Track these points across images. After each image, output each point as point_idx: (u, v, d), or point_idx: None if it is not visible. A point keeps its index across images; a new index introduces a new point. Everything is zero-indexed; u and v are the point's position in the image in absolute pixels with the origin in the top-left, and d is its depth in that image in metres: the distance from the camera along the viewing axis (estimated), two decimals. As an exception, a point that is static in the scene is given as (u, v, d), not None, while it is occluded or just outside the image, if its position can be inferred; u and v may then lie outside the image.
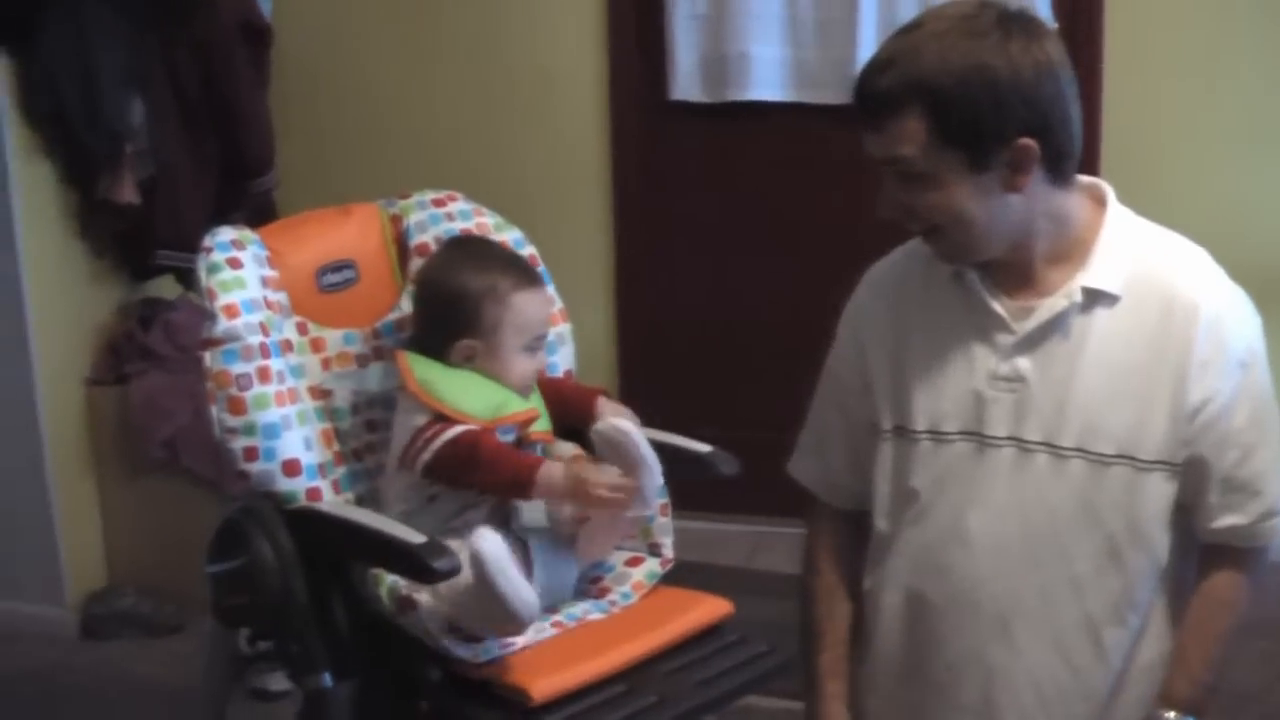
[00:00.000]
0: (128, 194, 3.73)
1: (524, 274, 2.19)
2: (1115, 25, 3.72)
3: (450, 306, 2.15)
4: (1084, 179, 2.00)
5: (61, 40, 3.60)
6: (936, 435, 1.99)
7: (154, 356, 3.84)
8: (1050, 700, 1.97)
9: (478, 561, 1.89)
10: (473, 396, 2.10)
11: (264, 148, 4.02)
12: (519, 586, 1.90)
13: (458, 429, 2.05)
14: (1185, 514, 1.95)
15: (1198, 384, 1.89)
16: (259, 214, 3.95)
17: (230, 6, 3.87)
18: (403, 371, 2.10)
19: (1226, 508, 1.93)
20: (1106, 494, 1.92)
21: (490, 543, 1.90)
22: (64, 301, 3.82)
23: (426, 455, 2.05)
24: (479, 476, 2.05)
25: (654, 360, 4.24)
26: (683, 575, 2.28)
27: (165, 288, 4.02)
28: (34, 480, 3.79)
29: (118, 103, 3.68)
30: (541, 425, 2.17)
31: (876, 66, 1.86)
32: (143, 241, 3.87)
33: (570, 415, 2.24)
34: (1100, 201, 1.99)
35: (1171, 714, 1.92)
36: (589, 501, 2.04)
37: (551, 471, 2.03)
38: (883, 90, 1.84)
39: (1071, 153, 1.90)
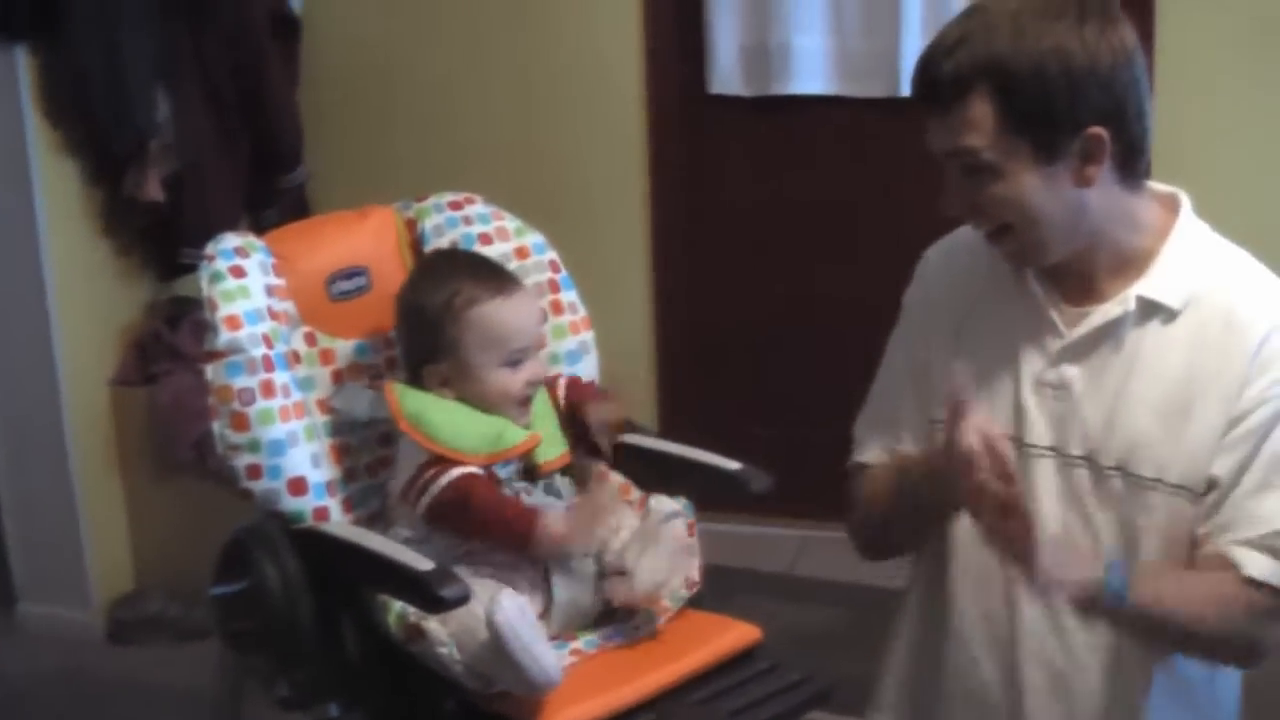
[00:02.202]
0: (153, 191, 3.66)
1: (490, 282, 2.04)
2: (1166, 15, 3.57)
3: (412, 330, 2.06)
4: (1160, 186, 1.90)
5: (86, 34, 3.53)
6: None
7: (182, 357, 3.76)
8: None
9: (495, 633, 1.79)
10: (466, 431, 1.98)
11: (293, 142, 3.96)
12: (539, 656, 1.80)
13: (454, 473, 1.95)
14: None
15: (1238, 404, 1.78)
16: (293, 209, 3.91)
17: (259, -2, 3.80)
18: (391, 407, 2.00)
19: (1219, 531, 1.80)
20: (1142, 516, 1.82)
21: (506, 612, 1.79)
22: (89, 301, 3.75)
23: (426, 499, 1.96)
24: (477, 530, 1.95)
25: (695, 360, 4.15)
26: (723, 581, 2.19)
27: (193, 286, 3.87)
28: (60, 482, 3.74)
29: (144, 97, 3.61)
30: (551, 450, 2.06)
31: (943, 49, 1.77)
32: (170, 239, 3.80)
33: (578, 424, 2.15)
34: (1174, 210, 1.88)
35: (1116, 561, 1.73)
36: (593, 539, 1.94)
37: (549, 527, 1.91)
38: (950, 73, 1.75)
39: (1143, 149, 1.81)
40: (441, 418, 1.99)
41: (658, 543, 2.02)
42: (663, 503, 2.07)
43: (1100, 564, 1.73)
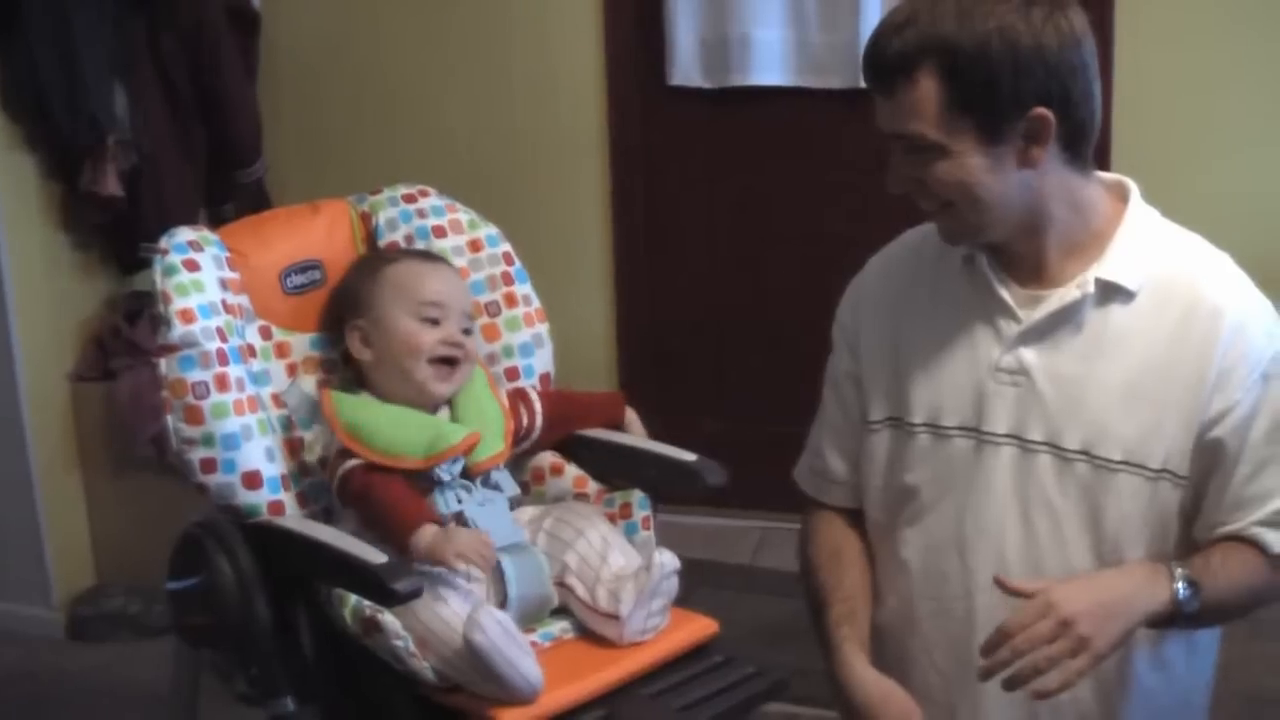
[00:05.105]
0: (111, 186, 3.66)
1: (410, 255, 2.15)
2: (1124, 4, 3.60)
3: (338, 304, 2.13)
4: (1108, 175, 1.92)
5: (43, 28, 3.53)
6: (935, 429, 1.92)
7: (140, 351, 3.76)
8: (1042, 711, 1.89)
9: (476, 652, 1.78)
10: (402, 436, 1.99)
11: (251, 137, 3.96)
12: (524, 670, 1.80)
13: (351, 463, 1.97)
14: (1187, 522, 1.86)
15: (1218, 394, 1.80)
16: (252, 203, 3.90)
17: (217, -8, 3.79)
18: (327, 413, 2.02)
19: (1228, 521, 1.83)
20: (1111, 501, 1.83)
21: (486, 632, 1.78)
22: (48, 296, 3.75)
23: (335, 482, 1.99)
24: (370, 520, 1.95)
25: (655, 352, 4.15)
26: (684, 574, 2.18)
27: (151, 281, 3.92)
28: (19, 479, 3.75)
29: (100, 92, 3.60)
30: (489, 447, 2.05)
31: (891, 28, 1.78)
32: (128, 234, 3.79)
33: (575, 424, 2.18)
34: (1123, 198, 1.90)
35: (1180, 570, 1.77)
36: (447, 565, 1.89)
37: (419, 539, 1.89)
38: (897, 51, 1.76)
39: (1089, 132, 1.82)
40: (378, 423, 2.00)
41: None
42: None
43: (1157, 583, 1.75)
